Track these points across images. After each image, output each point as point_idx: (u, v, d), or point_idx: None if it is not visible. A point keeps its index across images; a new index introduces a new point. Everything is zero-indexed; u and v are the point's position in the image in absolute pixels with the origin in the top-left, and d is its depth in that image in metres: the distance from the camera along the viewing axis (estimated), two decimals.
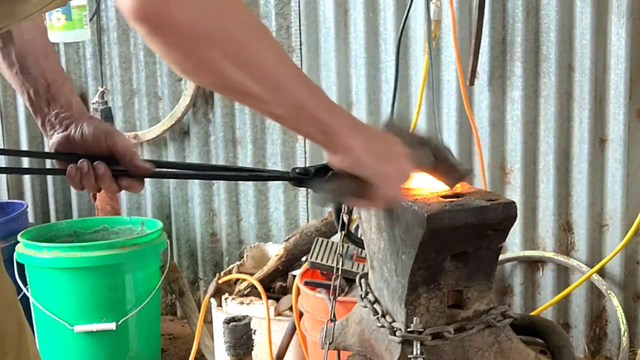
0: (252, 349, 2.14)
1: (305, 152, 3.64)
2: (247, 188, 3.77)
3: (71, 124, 1.39)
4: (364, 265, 2.69)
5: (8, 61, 1.40)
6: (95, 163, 1.34)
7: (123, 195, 4.03)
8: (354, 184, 1.26)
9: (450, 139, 3.30)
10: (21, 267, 3.27)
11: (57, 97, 1.41)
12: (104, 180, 1.33)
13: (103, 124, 1.40)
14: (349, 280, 2.70)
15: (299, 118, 1.17)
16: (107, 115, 3.71)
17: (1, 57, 1.40)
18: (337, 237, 1.76)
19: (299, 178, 1.37)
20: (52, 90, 1.41)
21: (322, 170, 1.33)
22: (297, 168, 1.38)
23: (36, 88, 1.40)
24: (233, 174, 1.55)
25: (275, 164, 3.65)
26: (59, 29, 3.47)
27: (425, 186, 1.50)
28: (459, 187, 1.49)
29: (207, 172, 1.63)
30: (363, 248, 1.70)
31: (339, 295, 1.75)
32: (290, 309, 2.93)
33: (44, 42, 1.44)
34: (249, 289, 3.10)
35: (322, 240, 2.93)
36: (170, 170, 1.56)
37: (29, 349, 1.38)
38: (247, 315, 2.17)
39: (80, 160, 1.34)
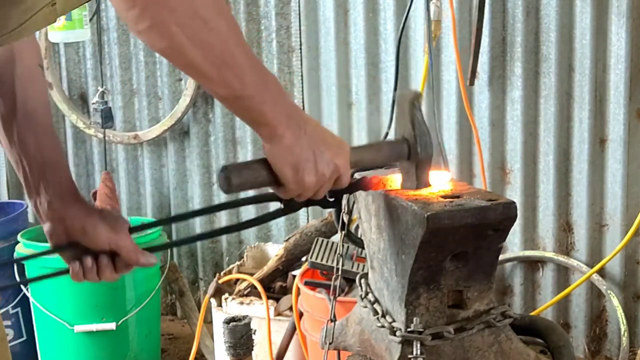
0: (252, 349, 2.14)
1: None
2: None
3: (65, 216, 1.38)
4: (364, 265, 2.69)
5: (9, 135, 1.38)
6: (98, 257, 1.38)
7: (123, 195, 4.03)
8: (271, 175, 1.30)
9: (450, 139, 3.30)
10: (21, 267, 3.27)
11: (50, 182, 1.38)
12: (104, 272, 1.38)
13: (103, 225, 1.38)
14: (349, 280, 2.70)
15: (237, 103, 1.21)
16: (107, 115, 3.71)
17: (2, 130, 1.38)
18: (337, 237, 1.76)
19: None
20: (47, 173, 1.38)
21: None
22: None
23: (31, 166, 1.37)
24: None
25: None
26: (59, 29, 3.46)
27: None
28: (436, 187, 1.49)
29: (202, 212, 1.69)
30: (363, 248, 1.70)
31: (339, 295, 1.75)
32: (290, 309, 2.93)
33: (46, 113, 1.42)
34: (249, 289, 3.10)
35: (322, 240, 2.93)
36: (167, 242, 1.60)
37: None
38: (247, 315, 2.17)
39: (84, 257, 1.38)
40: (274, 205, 1.43)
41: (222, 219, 3.84)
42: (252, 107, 1.21)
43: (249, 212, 3.79)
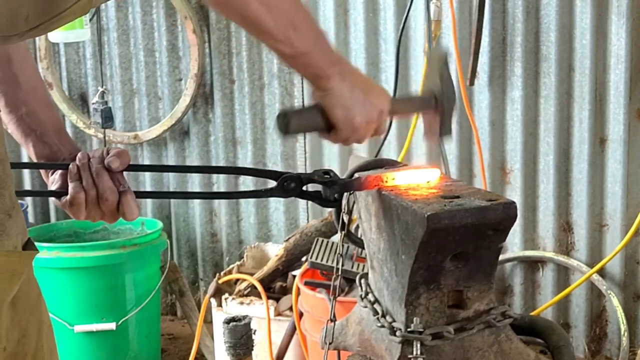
0: (252, 349, 2.14)
1: (305, 152, 3.64)
2: (248, 188, 3.77)
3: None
4: (364, 265, 2.69)
5: (13, 104, 1.41)
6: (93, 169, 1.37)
7: None
8: (323, 119, 1.42)
9: (450, 139, 3.30)
10: None
11: (68, 140, 1.45)
12: (102, 176, 1.37)
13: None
14: (349, 280, 2.70)
15: (299, 59, 1.34)
16: (107, 115, 3.71)
17: (4, 101, 1.41)
18: (337, 237, 1.76)
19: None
20: (62, 134, 1.44)
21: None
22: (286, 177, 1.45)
23: (45, 129, 1.42)
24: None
25: (275, 164, 3.65)
26: (59, 29, 3.46)
27: (419, 181, 1.51)
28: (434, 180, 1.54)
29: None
30: (363, 248, 1.70)
31: (339, 295, 1.74)
32: (290, 309, 2.94)
33: (46, 94, 1.49)
34: (249, 289, 3.10)
35: (322, 240, 2.93)
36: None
37: (44, 353, 1.39)
38: (247, 315, 2.17)
39: (80, 156, 1.37)
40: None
41: (222, 218, 3.85)
42: (311, 62, 1.34)
43: (249, 213, 3.80)
